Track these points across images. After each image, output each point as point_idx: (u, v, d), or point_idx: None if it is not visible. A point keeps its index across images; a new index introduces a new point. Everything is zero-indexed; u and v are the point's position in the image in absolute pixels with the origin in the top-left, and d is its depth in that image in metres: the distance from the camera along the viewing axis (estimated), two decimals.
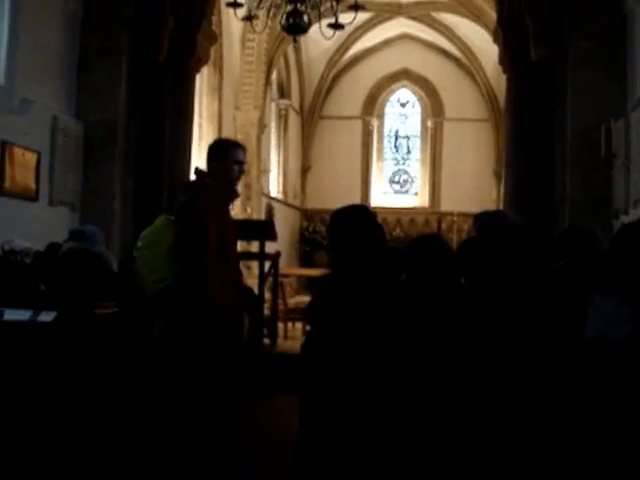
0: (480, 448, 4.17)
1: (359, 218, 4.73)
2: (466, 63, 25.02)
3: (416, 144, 27.52)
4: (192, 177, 6.65)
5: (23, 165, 9.78)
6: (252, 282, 11.57)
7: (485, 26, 19.66)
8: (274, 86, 23.25)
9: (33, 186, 10.06)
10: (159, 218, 6.26)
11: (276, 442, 7.22)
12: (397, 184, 27.56)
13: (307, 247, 25.20)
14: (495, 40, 13.57)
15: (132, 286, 6.58)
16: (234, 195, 6.39)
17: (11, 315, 6.10)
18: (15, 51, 9.75)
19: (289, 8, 11.44)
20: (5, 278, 7.13)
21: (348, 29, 17.56)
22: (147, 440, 6.53)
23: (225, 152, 6.21)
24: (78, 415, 6.01)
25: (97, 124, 11.22)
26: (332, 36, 12.52)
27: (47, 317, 6.07)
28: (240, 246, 10.74)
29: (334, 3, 11.58)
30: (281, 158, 24.51)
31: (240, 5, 11.65)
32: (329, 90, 26.61)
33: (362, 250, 4.56)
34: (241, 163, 6.24)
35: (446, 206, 25.74)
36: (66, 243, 7.75)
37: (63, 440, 5.87)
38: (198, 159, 15.61)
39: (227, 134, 18.24)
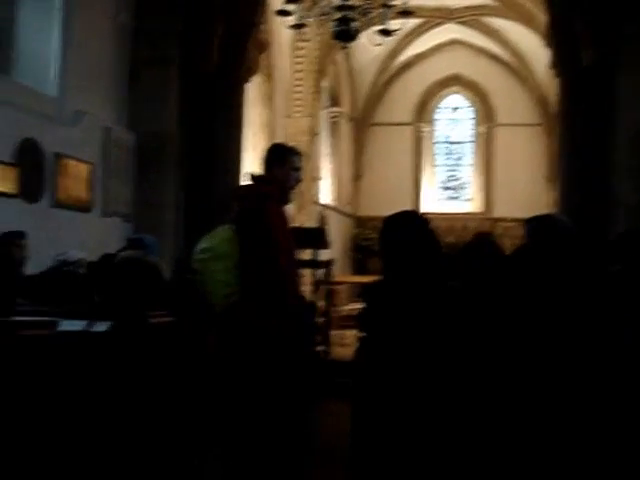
0: (533, 459, 4.12)
1: (411, 223, 4.68)
2: (517, 68, 24.88)
3: (468, 150, 27.44)
4: (244, 182, 6.56)
5: (76, 176, 9.88)
6: (305, 290, 11.56)
7: (535, 30, 19.50)
8: (325, 94, 23.22)
9: (86, 197, 10.15)
10: (222, 229, 5.99)
11: (329, 449, 7.20)
12: (449, 190, 27.47)
13: (360, 254, 25.16)
14: (546, 44, 13.46)
15: (187, 297, 6.57)
16: (287, 201, 6.30)
17: (66, 326, 6.13)
18: (67, 63, 9.86)
19: (338, 15, 11.45)
20: (59, 289, 7.19)
21: (398, 35, 17.53)
22: (204, 449, 6.53)
23: (284, 158, 6.07)
24: (134, 425, 6.03)
25: (148, 135, 11.29)
26: (382, 43, 12.51)
27: (101, 327, 6.09)
28: None
29: (384, 9, 11.57)
30: (333, 166, 24.52)
31: (289, 13, 11.66)
32: (380, 97, 26.64)
33: (414, 256, 4.52)
34: (298, 170, 6.15)
35: (499, 212, 25.65)
36: (122, 251, 7.77)
37: (118, 448, 5.89)
38: (249, 168, 15.66)
39: None
